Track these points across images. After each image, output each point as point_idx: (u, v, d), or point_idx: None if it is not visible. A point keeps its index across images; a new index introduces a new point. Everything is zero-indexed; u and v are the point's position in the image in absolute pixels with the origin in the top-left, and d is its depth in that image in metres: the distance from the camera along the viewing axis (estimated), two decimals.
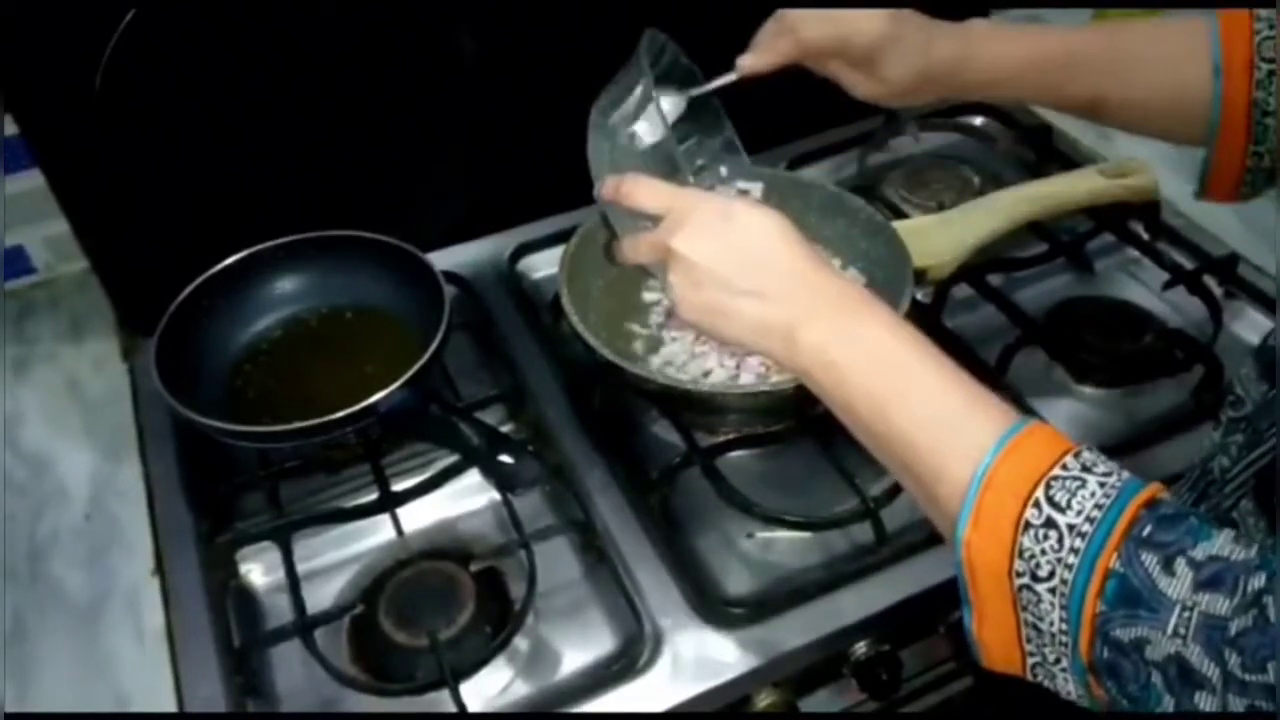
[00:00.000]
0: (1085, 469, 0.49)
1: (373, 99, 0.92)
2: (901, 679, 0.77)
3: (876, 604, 0.73)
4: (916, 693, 0.86)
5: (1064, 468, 0.49)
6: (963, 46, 0.75)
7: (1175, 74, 0.71)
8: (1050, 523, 0.48)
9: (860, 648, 0.76)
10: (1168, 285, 0.96)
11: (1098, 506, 0.47)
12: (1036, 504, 0.48)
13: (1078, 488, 0.48)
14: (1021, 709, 0.93)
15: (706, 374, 0.84)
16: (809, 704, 0.78)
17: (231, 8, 0.83)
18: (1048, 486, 0.48)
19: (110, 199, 0.88)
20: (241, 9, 0.83)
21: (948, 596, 0.77)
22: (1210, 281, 0.95)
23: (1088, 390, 0.91)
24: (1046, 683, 0.51)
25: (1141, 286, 1.00)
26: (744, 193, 0.80)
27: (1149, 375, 0.90)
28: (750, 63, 0.77)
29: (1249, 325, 0.95)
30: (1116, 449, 0.82)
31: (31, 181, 0.92)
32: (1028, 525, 0.48)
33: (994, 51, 0.75)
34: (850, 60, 0.75)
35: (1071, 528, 0.47)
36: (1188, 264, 0.97)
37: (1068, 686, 0.50)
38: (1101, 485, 0.48)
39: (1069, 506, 0.47)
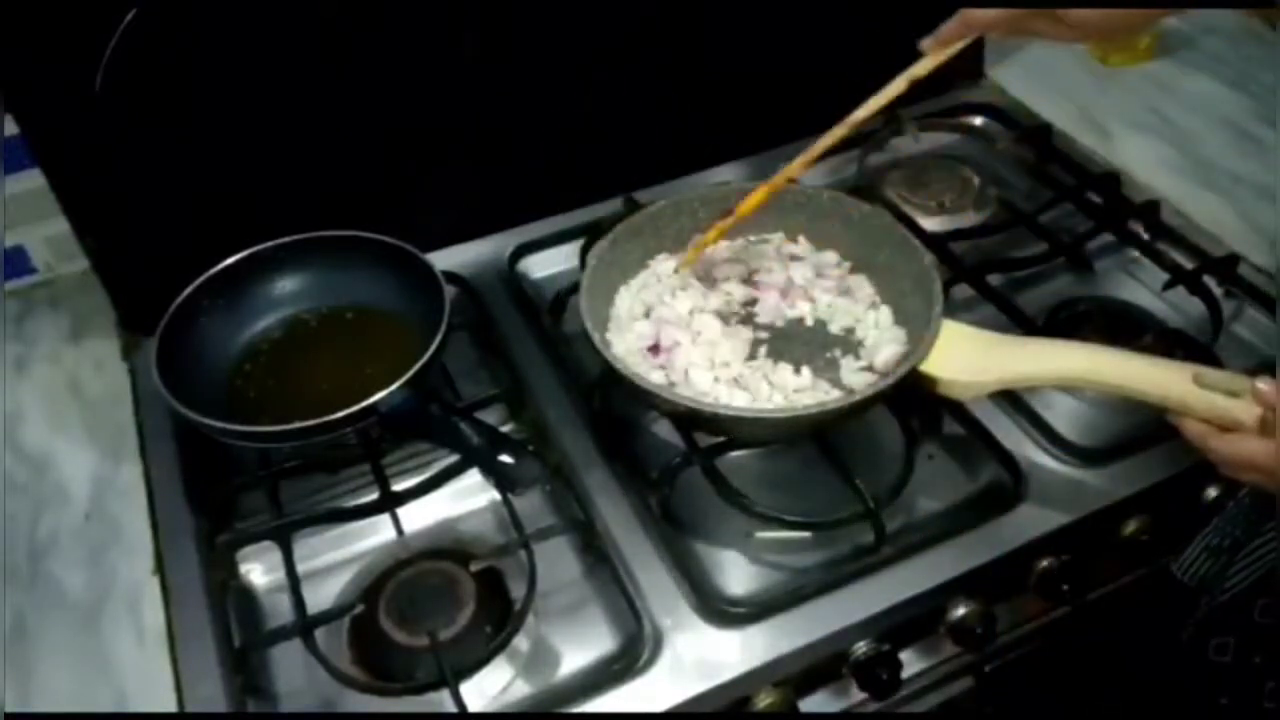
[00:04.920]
0: None
1: (373, 99, 0.92)
2: (901, 679, 0.77)
3: (876, 604, 0.73)
4: (916, 693, 0.86)
5: None
6: None
7: None
8: None
9: (860, 648, 0.76)
10: (1168, 285, 0.96)
11: None
12: None
13: None
14: (1022, 709, 0.93)
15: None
16: (809, 704, 0.79)
17: (231, 8, 0.83)
18: None
19: (110, 199, 0.88)
20: (241, 9, 0.83)
21: (948, 596, 0.77)
22: (1210, 281, 0.95)
23: (1088, 390, 0.90)
24: None
25: (1141, 286, 1.00)
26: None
27: None
28: (929, 43, 0.76)
29: (1249, 325, 0.95)
30: (1116, 449, 0.82)
31: (31, 181, 0.93)
32: None
33: None
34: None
35: None
36: (1188, 264, 0.97)
37: None
38: None
39: None
